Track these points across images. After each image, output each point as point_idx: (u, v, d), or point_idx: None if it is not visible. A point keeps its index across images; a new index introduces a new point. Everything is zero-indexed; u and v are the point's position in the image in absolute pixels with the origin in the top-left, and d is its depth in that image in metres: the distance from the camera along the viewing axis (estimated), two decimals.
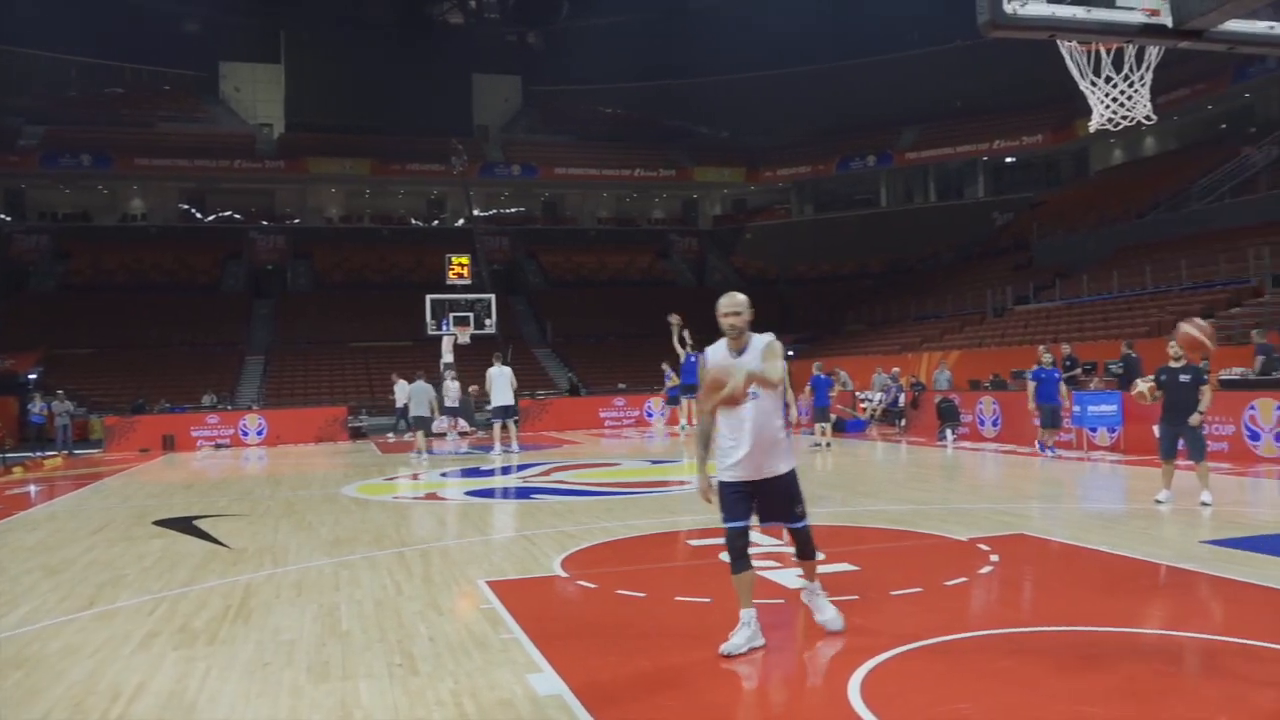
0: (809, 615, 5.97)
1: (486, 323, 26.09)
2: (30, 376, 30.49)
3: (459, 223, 48.29)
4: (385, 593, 6.85)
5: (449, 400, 22.79)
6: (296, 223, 47.55)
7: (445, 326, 25.68)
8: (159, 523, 10.87)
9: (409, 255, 44.06)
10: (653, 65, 51.72)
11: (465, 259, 27.86)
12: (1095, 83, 4.95)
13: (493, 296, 27.13)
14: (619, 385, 31.81)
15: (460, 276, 27.37)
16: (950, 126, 46.95)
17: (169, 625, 6.11)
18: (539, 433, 25.29)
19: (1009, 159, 46.54)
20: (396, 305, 36.26)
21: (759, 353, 4.94)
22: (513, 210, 50.75)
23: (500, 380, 18.84)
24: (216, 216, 47.20)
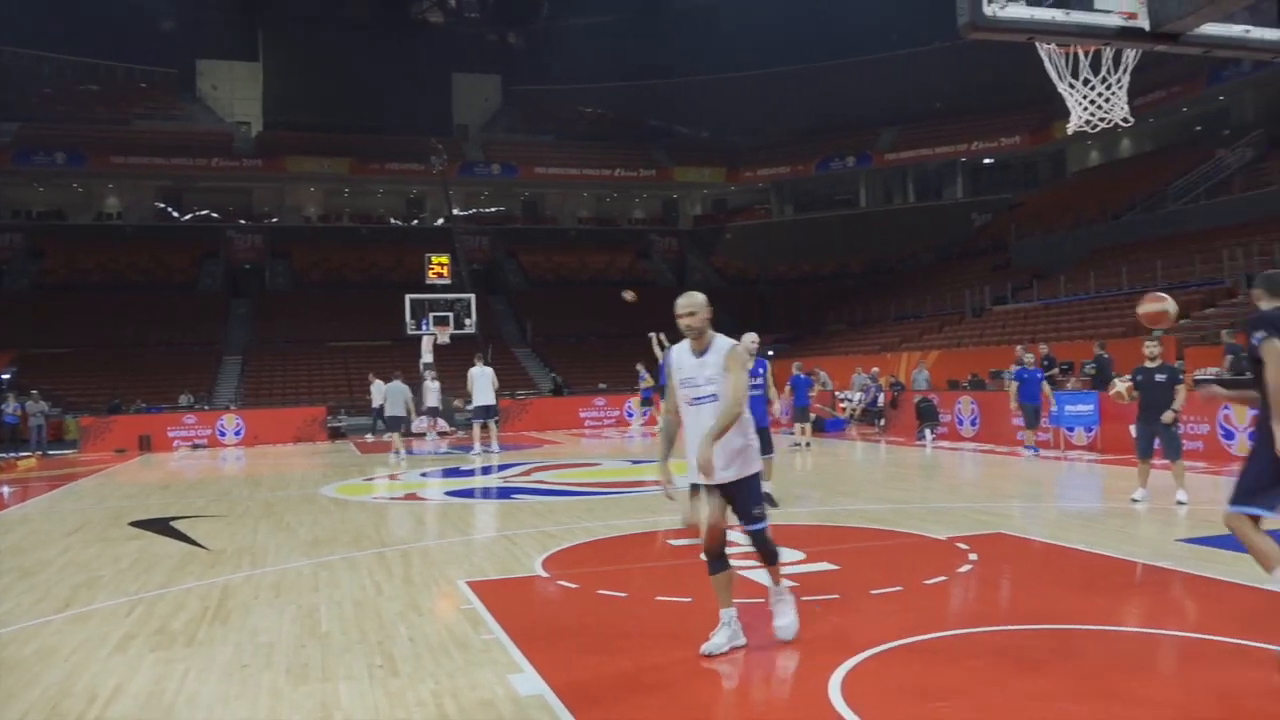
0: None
1: (466, 323, 26.03)
2: (4, 376, 30.13)
3: (439, 222, 48.11)
4: (365, 593, 6.82)
5: (429, 400, 22.70)
6: (274, 222, 47.23)
7: (425, 326, 25.60)
8: (135, 524, 10.78)
9: (388, 255, 43.85)
10: (633, 65, 51.72)
11: (445, 258, 27.75)
12: (1073, 85, 5.00)
13: (472, 296, 27.06)
14: (599, 385, 31.79)
15: (440, 276, 27.26)
16: (929, 128, 47.20)
17: (146, 627, 6.06)
18: (519, 433, 25.25)
19: (987, 160, 46.81)
20: (376, 305, 36.07)
21: (722, 356, 4.91)
22: (493, 210, 50.61)
23: (482, 380, 18.82)
24: (193, 215, 46.82)
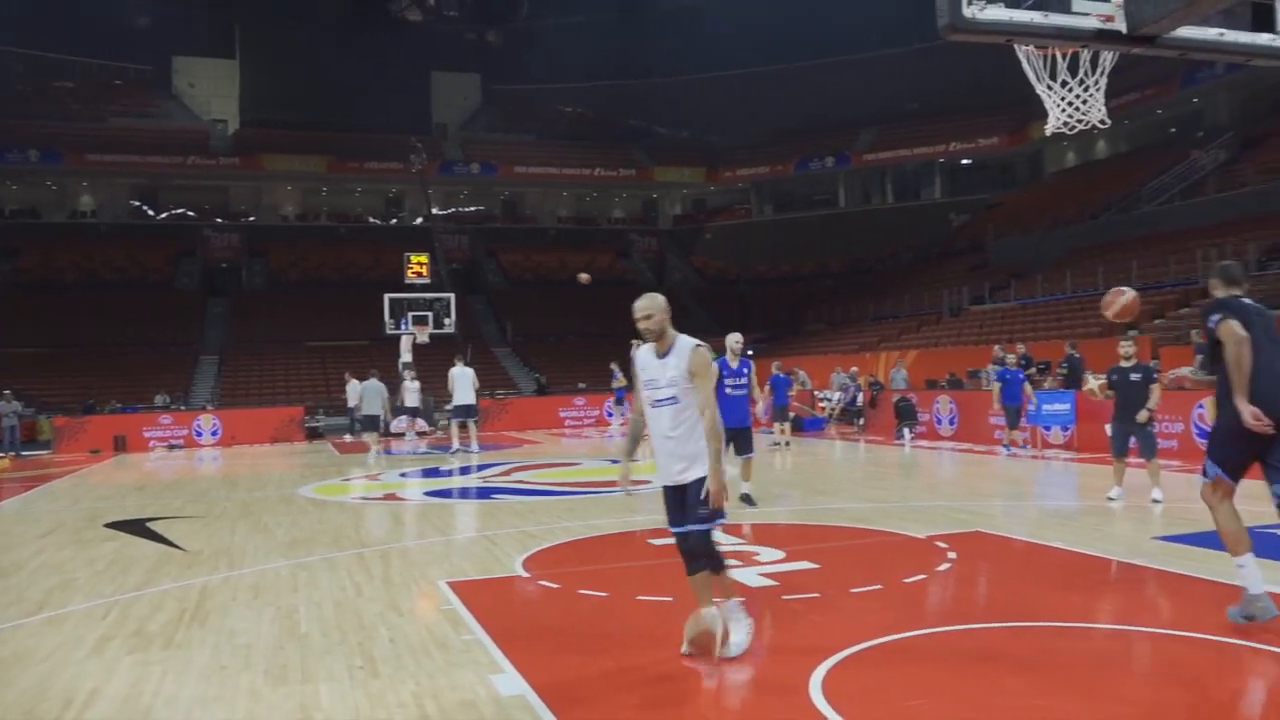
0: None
1: (446, 322, 25.94)
2: None
3: (417, 221, 47.91)
4: (344, 594, 6.79)
5: (408, 400, 22.62)
6: (251, 220, 46.89)
7: (404, 326, 25.50)
8: (111, 525, 10.68)
9: (367, 254, 43.62)
10: (613, 65, 51.69)
11: (424, 258, 27.65)
12: (1051, 87, 5.05)
13: (452, 296, 26.95)
14: (579, 385, 31.76)
15: (419, 275, 27.16)
16: (907, 128, 47.42)
17: (122, 629, 6.00)
18: (499, 432, 25.20)
19: (965, 161, 47.09)
20: (354, 304, 35.88)
21: (685, 360, 4.86)
22: (472, 209, 50.43)
23: (463, 380, 18.82)
24: (169, 214, 46.41)
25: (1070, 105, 5.09)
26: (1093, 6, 4.52)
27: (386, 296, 25.86)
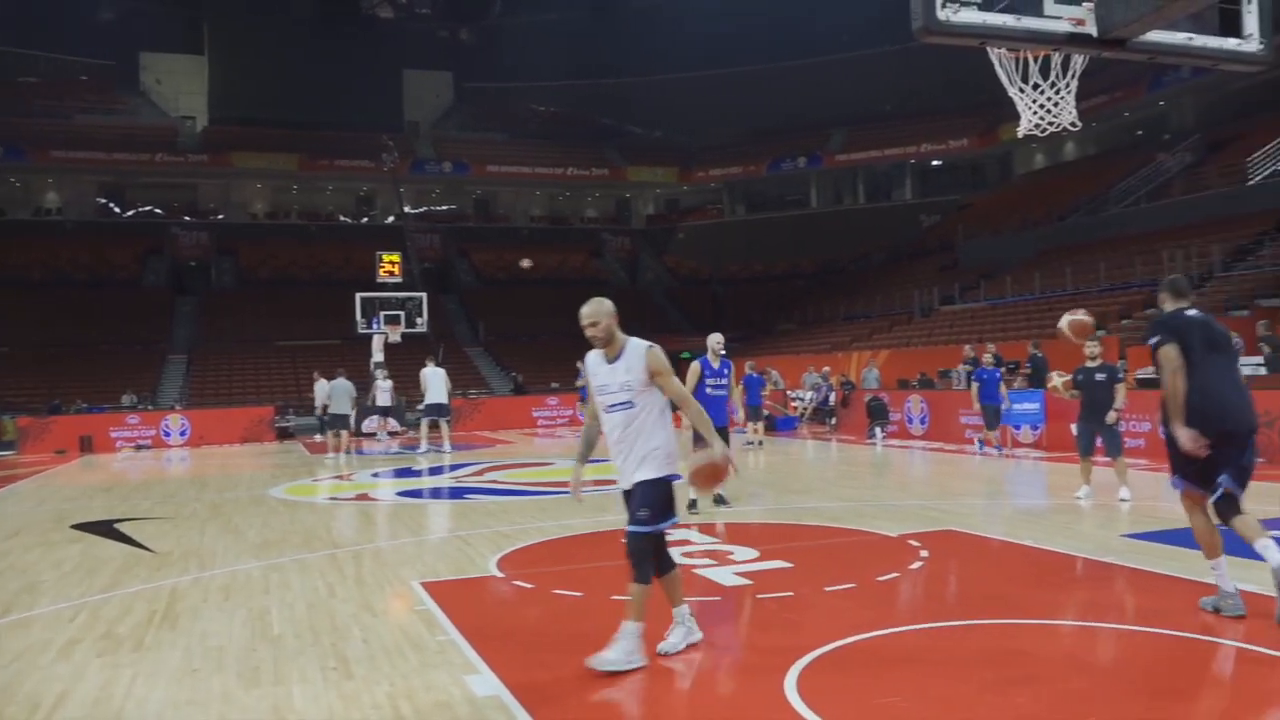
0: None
1: (418, 321, 25.85)
2: None
3: (389, 220, 47.65)
4: (317, 595, 6.74)
5: (380, 400, 22.51)
6: (220, 218, 46.46)
7: (376, 325, 25.37)
8: (78, 526, 10.54)
9: (338, 252, 43.31)
10: (586, 64, 51.67)
11: (396, 257, 27.52)
12: (1023, 89, 5.10)
13: (424, 295, 26.86)
14: (552, 385, 31.70)
15: (391, 274, 27.04)
16: (879, 130, 47.71)
17: (91, 632, 5.93)
18: (472, 432, 25.10)
19: (936, 162, 47.46)
20: (325, 303, 35.63)
21: (640, 361, 4.79)
22: (444, 208, 50.21)
23: (434, 380, 18.78)
24: (136, 211, 45.85)
25: (1042, 108, 5.15)
26: (1064, 10, 4.58)
27: (358, 296, 25.72)
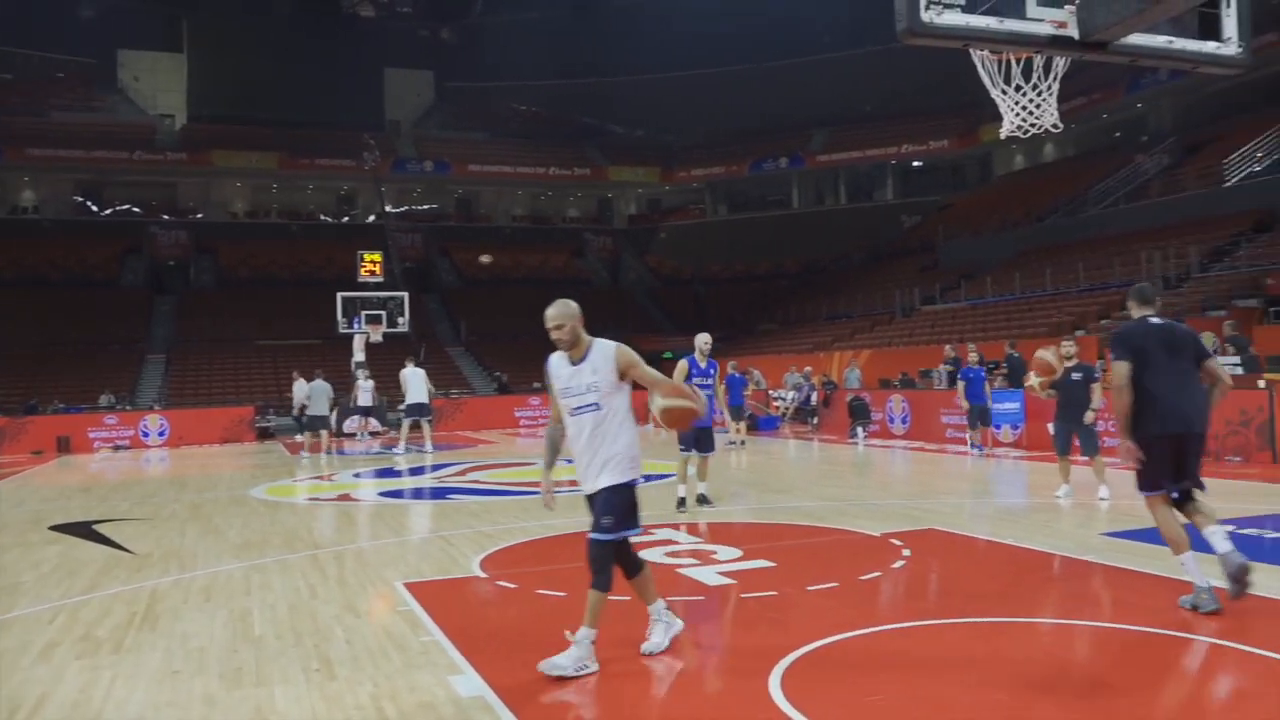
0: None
1: (399, 321, 25.74)
2: None
3: (370, 219, 47.46)
4: (299, 596, 6.70)
5: (362, 400, 22.41)
6: (200, 217, 46.11)
7: (357, 325, 25.26)
8: (56, 528, 10.45)
9: (318, 252, 43.08)
10: (568, 63, 51.56)
11: (377, 256, 27.40)
12: (1006, 91, 5.14)
13: (406, 295, 26.76)
14: (534, 385, 31.61)
15: (372, 274, 26.91)
16: (860, 130, 47.87)
17: (70, 634, 5.87)
18: (454, 432, 25.04)
19: (916, 163, 47.66)
20: (306, 303, 35.44)
21: (609, 361, 4.74)
22: (425, 207, 50.03)
23: (414, 380, 18.74)
24: (114, 210, 45.45)
25: (1024, 109, 5.19)
26: (1046, 13, 4.61)
27: (339, 295, 25.59)
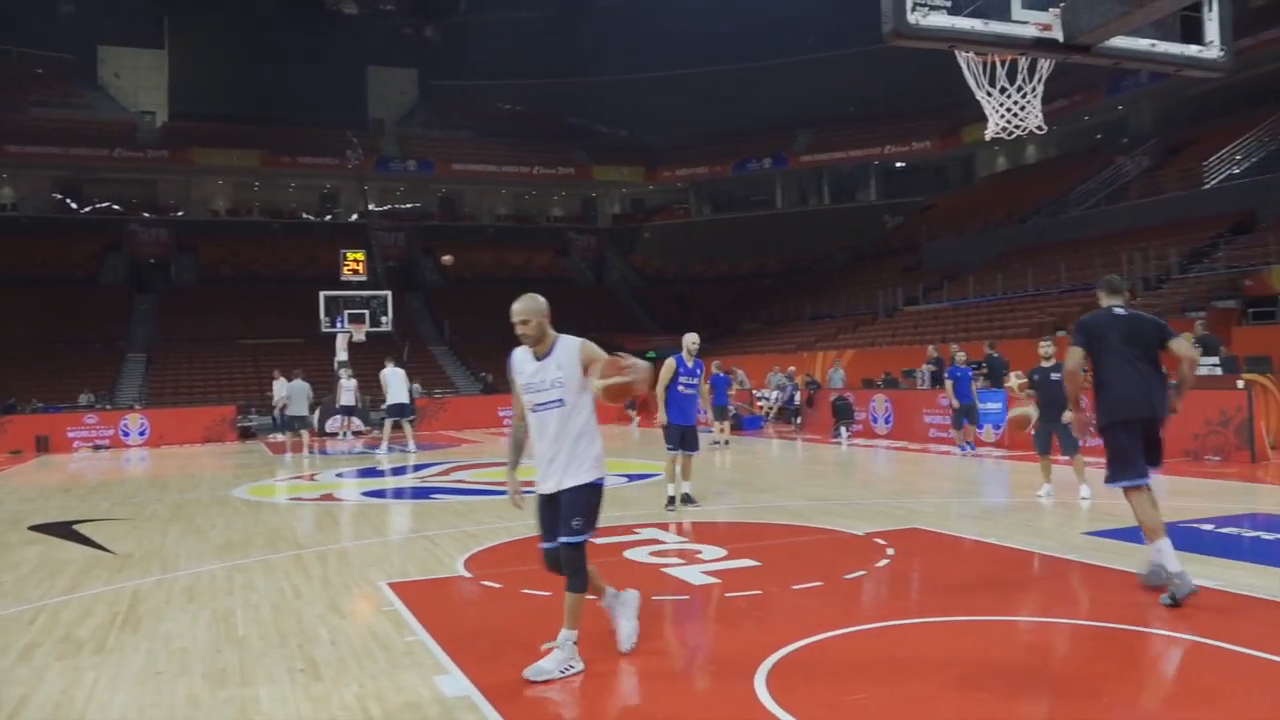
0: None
1: (383, 320, 25.66)
2: None
3: (353, 218, 47.26)
4: (283, 596, 6.67)
5: (344, 399, 22.34)
6: (181, 215, 45.79)
7: (340, 324, 25.16)
8: (35, 528, 10.36)
9: (301, 250, 42.86)
10: (552, 62, 51.46)
11: (361, 254, 27.33)
12: (991, 93, 5.17)
13: (389, 294, 26.67)
14: None
15: (355, 273, 26.84)
16: (843, 131, 48.01)
17: (51, 635, 5.83)
18: (437, 432, 24.97)
19: (899, 164, 47.84)
20: (288, 301, 35.27)
21: (573, 358, 4.70)
22: (409, 206, 49.84)
23: (395, 380, 18.70)
24: (94, 207, 45.09)
25: (1009, 111, 5.23)
26: (1031, 15, 4.65)
27: (322, 294, 25.49)
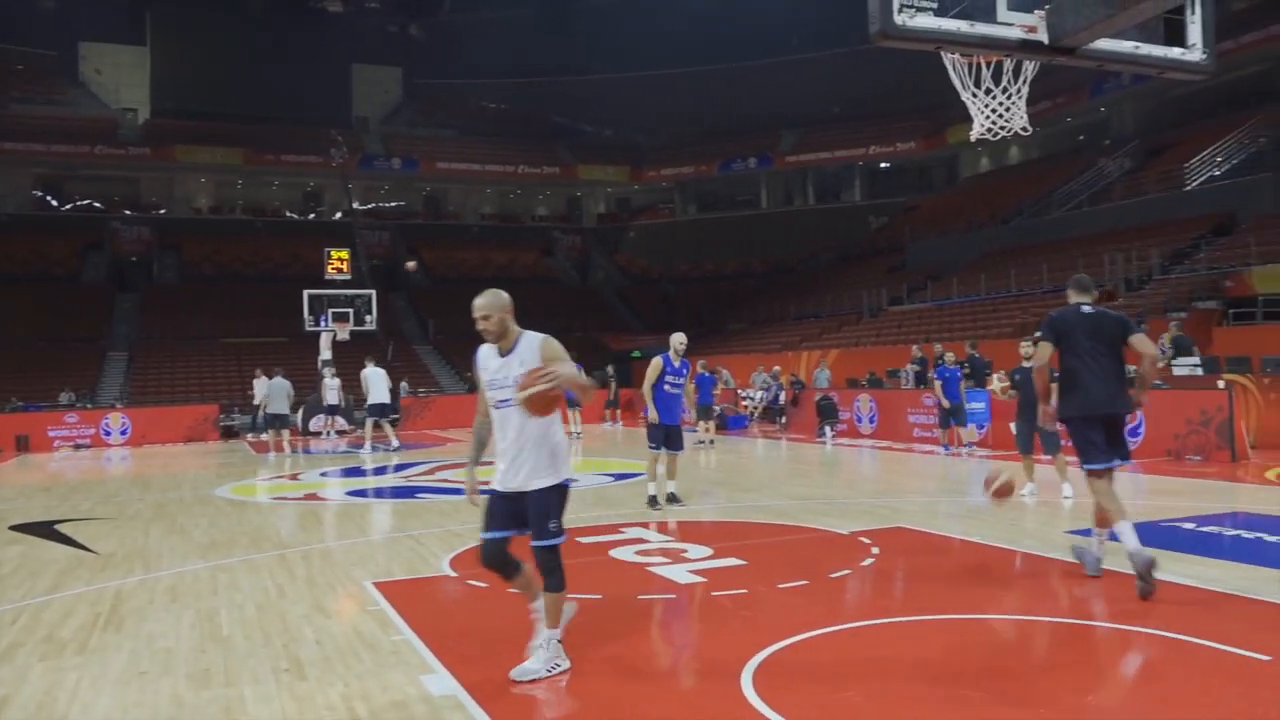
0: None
1: (367, 319, 25.58)
2: None
3: (337, 216, 47.06)
4: (267, 596, 6.64)
5: (329, 398, 22.25)
6: (163, 213, 45.49)
7: (324, 323, 25.06)
8: (16, 528, 10.27)
9: (284, 248, 42.65)
10: (537, 61, 51.41)
11: (345, 253, 27.23)
12: (976, 95, 5.20)
13: (373, 293, 26.59)
14: None
15: (339, 271, 26.74)
16: (828, 131, 48.12)
17: (33, 636, 5.79)
18: (421, 431, 24.90)
19: (884, 164, 47.99)
20: (271, 300, 35.10)
21: (537, 350, 4.65)
22: (393, 205, 49.67)
23: (376, 380, 18.65)
24: (75, 205, 44.75)
25: (994, 112, 5.26)
26: (1017, 17, 4.68)
27: (306, 293, 25.38)
